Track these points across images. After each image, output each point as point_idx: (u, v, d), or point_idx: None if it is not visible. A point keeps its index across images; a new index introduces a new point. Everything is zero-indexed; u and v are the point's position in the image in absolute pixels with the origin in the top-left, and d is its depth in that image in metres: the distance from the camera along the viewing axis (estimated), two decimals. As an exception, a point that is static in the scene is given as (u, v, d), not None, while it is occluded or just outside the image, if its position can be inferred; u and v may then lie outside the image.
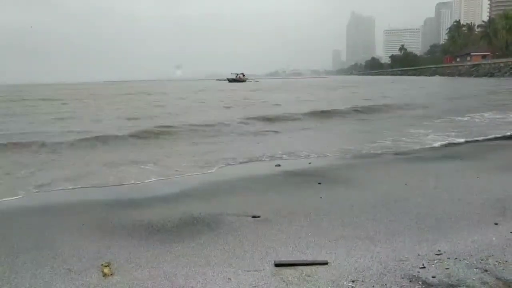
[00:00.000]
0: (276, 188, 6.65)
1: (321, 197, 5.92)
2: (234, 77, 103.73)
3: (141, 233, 4.70)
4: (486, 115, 18.00)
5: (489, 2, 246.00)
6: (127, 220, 5.19)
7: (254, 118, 17.82)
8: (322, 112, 20.40)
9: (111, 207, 5.88)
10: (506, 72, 76.58)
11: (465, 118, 16.99)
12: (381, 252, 3.94)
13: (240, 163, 9.10)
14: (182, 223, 5.00)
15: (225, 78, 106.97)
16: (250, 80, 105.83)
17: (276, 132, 14.41)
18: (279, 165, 8.55)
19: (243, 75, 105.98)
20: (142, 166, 8.81)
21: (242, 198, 6.14)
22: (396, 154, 9.78)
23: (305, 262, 3.73)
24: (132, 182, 7.47)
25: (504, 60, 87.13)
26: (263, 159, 9.46)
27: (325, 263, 3.71)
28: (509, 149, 10.02)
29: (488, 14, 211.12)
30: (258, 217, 5.11)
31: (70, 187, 7.18)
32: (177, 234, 4.65)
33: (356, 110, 21.35)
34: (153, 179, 7.62)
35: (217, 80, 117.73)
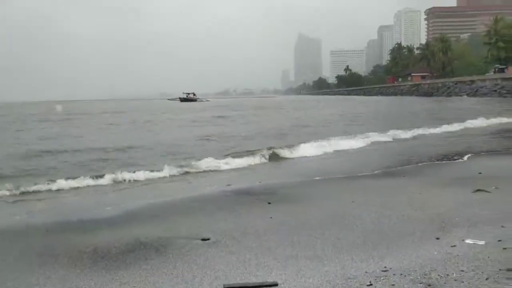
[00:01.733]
0: (227, 208, 6.60)
1: (271, 217, 5.93)
2: (185, 96, 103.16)
3: (85, 261, 4.49)
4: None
5: (426, 27, 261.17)
6: (70, 247, 4.95)
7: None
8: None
9: (53, 233, 5.60)
10: (443, 92, 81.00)
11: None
12: (330, 270, 3.98)
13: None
14: (129, 248, 4.82)
15: (177, 97, 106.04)
16: (202, 100, 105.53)
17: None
18: (229, 185, 8.52)
19: (194, 95, 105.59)
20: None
21: (192, 219, 6.04)
22: (343, 172, 10.03)
23: (254, 285, 3.70)
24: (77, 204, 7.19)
25: (441, 80, 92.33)
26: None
27: (275, 285, 3.69)
28: (447, 166, 10.53)
29: (426, 37, 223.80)
30: (208, 239, 5.03)
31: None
32: (123, 260, 4.48)
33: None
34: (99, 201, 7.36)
35: (169, 99, 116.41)
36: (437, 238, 4.77)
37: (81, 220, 6.23)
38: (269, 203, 6.80)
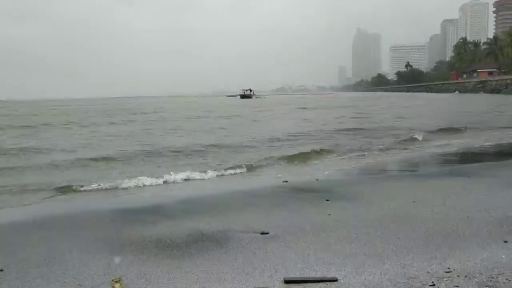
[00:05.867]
0: (284, 204, 6.67)
1: (329, 214, 5.92)
2: (243, 93, 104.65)
3: (151, 249, 4.73)
4: None
5: (494, 19, 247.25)
6: (136, 235, 5.21)
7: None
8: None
9: (119, 223, 5.90)
10: (512, 89, 76.29)
11: None
12: (390, 269, 3.94)
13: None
14: (191, 239, 5.01)
15: (237, 94, 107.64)
16: (258, 96, 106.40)
17: None
18: (286, 181, 8.57)
19: (251, 91, 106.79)
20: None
21: (250, 214, 6.15)
22: (403, 170, 9.79)
23: (314, 279, 3.74)
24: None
25: (511, 76, 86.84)
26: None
27: (335, 280, 3.71)
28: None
29: (494, 31, 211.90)
30: (267, 233, 5.12)
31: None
32: (187, 250, 4.67)
33: None
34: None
35: (227, 96, 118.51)
36: (505, 241, 4.57)
37: (141, 211, 6.52)
38: (327, 200, 6.78)
